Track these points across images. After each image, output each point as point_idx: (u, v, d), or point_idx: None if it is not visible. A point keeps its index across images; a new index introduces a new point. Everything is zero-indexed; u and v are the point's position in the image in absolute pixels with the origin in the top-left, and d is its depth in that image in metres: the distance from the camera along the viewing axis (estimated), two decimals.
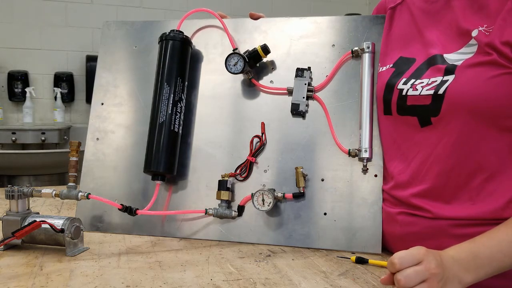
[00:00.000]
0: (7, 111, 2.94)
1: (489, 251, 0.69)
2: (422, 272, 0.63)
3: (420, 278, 0.63)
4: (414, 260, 0.64)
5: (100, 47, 1.10)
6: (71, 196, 0.87)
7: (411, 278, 0.62)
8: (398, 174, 0.86)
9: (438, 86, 0.76)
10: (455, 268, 0.66)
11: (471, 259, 0.68)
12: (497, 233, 0.70)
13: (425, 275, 0.63)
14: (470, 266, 0.68)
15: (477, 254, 0.69)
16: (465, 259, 0.68)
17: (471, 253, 0.69)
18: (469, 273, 0.67)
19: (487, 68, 0.72)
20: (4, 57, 2.92)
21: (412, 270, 0.63)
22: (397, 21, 0.93)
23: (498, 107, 0.72)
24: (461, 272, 0.67)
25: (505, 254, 0.69)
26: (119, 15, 3.12)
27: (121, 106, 1.05)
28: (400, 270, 0.63)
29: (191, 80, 1.03)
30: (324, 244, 0.90)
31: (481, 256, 0.68)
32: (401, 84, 0.83)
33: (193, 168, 0.99)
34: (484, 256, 0.68)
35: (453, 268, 0.66)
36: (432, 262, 0.64)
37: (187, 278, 0.73)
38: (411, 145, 0.84)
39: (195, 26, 1.06)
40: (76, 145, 0.90)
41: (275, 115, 0.98)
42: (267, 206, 0.90)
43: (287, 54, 1.00)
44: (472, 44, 0.75)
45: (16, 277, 0.71)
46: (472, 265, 0.68)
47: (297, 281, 0.72)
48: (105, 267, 0.77)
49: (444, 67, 0.77)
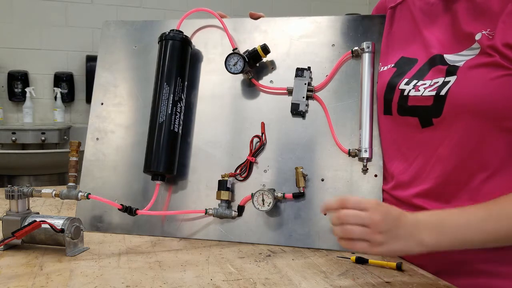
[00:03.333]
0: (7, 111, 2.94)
1: (456, 222, 0.71)
2: (362, 217, 0.67)
3: (357, 220, 0.67)
4: (361, 206, 0.68)
5: (100, 47, 1.10)
6: (71, 196, 0.87)
7: (349, 217, 0.67)
8: (399, 174, 0.86)
9: (440, 87, 0.76)
10: (417, 228, 0.69)
11: (437, 224, 0.70)
12: (468, 209, 0.73)
13: (364, 221, 0.67)
14: (433, 230, 0.70)
15: (444, 221, 0.71)
16: (431, 223, 0.70)
17: (438, 219, 0.71)
18: (431, 236, 0.69)
19: (489, 70, 0.72)
20: (4, 57, 2.92)
21: (353, 212, 0.67)
22: (398, 21, 0.93)
23: (500, 108, 0.72)
24: (424, 233, 0.69)
25: (470, 229, 0.70)
26: (119, 15, 3.12)
27: (121, 106, 1.05)
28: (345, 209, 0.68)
29: (191, 80, 1.03)
30: (324, 244, 0.90)
31: (447, 225, 0.70)
32: (403, 84, 0.83)
33: (193, 168, 0.99)
34: (450, 225, 0.71)
35: (413, 228, 0.69)
36: (378, 214, 0.67)
37: (187, 278, 0.73)
38: (412, 145, 0.84)
39: (194, 26, 1.06)
40: (76, 145, 0.90)
41: (275, 115, 0.98)
42: (267, 206, 0.90)
43: (287, 54, 1.00)
44: (475, 47, 0.75)
45: (16, 277, 0.71)
46: (436, 230, 0.70)
47: (297, 281, 0.72)
48: (105, 267, 0.77)
49: (446, 68, 0.77)
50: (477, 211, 0.72)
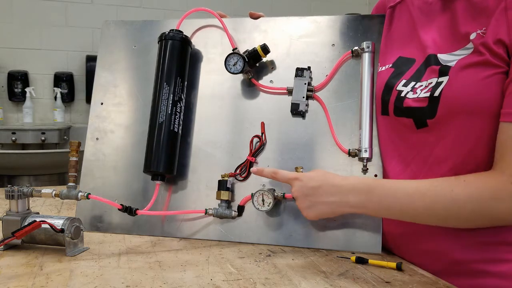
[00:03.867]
0: (7, 111, 2.94)
1: (384, 191, 0.78)
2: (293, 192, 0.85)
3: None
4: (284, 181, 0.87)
5: (100, 46, 1.10)
6: (71, 196, 0.87)
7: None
8: (397, 175, 0.86)
9: (434, 88, 0.76)
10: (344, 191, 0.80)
11: (365, 191, 0.79)
12: (402, 182, 0.79)
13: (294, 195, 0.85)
14: (362, 193, 0.79)
15: (373, 189, 0.79)
16: (359, 189, 0.80)
17: (367, 186, 0.79)
18: (358, 198, 0.79)
19: (480, 69, 0.72)
20: (4, 57, 2.92)
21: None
22: (397, 21, 0.93)
23: (493, 107, 0.72)
24: (350, 196, 0.80)
25: (397, 201, 0.76)
26: (119, 15, 3.12)
27: (121, 106, 1.05)
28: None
29: (191, 80, 1.03)
30: (324, 244, 0.90)
31: (375, 192, 0.78)
32: (401, 85, 0.83)
33: (193, 168, 0.99)
34: (378, 193, 0.78)
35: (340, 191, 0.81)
36: (293, 188, 0.84)
37: (187, 278, 0.73)
38: (408, 146, 0.84)
39: (194, 26, 1.06)
40: (76, 145, 0.90)
41: (275, 115, 0.98)
42: (267, 206, 0.90)
43: (287, 53, 1.00)
44: (469, 47, 0.75)
45: (16, 277, 0.71)
46: (364, 194, 0.79)
47: (297, 281, 0.72)
48: (105, 267, 0.77)
49: (438, 68, 0.77)
50: (408, 185, 0.77)
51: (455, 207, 0.72)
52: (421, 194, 0.74)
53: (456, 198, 0.71)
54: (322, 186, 0.82)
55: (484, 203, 0.70)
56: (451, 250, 0.79)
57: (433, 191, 0.74)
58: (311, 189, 0.82)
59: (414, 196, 0.75)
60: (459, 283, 0.74)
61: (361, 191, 0.79)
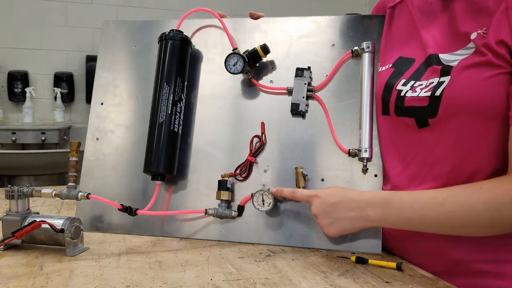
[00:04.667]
0: (7, 111, 2.94)
1: (401, 204, 0.77)
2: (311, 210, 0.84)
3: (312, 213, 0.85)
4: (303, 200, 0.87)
5: (100, 47, 1.10)
6: (71, 196, 0.87)
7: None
8: (397, 175, 0.86)
9: (435, 87, 0.76)
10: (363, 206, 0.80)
11: (382, 204, 0.78)
12: (418, 193, 0.78)
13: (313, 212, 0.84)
14: (379, 207, 0.79)
15: (390, 202, 0.78)
16: (376, 202, 0.79)
17: (384, 200, 0.79)
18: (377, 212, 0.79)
19: (482, 69, 0.72)
20: (4, 57, 2.92)
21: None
22: (396, 21, 0.93)
23: (495, 107, 0.72)
24: (369, 210, 0.79)
25: (415, 212, 0.76)
26: (119, 15, 3.12)
27: (121, 106, 1.05)
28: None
29: (191, 80, 1.03)
30: (324, 244, 0.90)
31: (393, 205, 0.78)
32: (400, 85, 0.83)
33: (193, 168, 0.99)
34: (395, 206, 0.78)
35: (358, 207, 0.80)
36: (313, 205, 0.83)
37: (187, 278, 0.73)
38: (409, 146, 0.84)
39: (194, 26, 1.06)
40: (76, 145, 0.90)
41: (275, 115, 0.98)
42: (267, 206, 0.90)
43: (287, 53, 1.00)
44: (470, 47, 0.75)
45: (16, 277, 0.71)
46: (382, 208, 0.78)
47: (297, 281, 0.72)
48: (105, 267, 0.77)
49: (440, 68, 0.77)
50: (424, 195, 0.76)
51: (473, 215, 0.71)
52: (438, 204, 0.73)
53: (474, 205, 0.71)
54: (341, 202, 0.81)
55: (503, 208, 0.69)
56: (451, 250, 0.79)
57: (450, 200, 0.73)
58: (330, 205, 0.81)
59: (432, 206, 0.74)
60: (459, 283, 0.74)
61: (379, 204, 0.79)
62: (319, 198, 0.82)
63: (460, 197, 0.72)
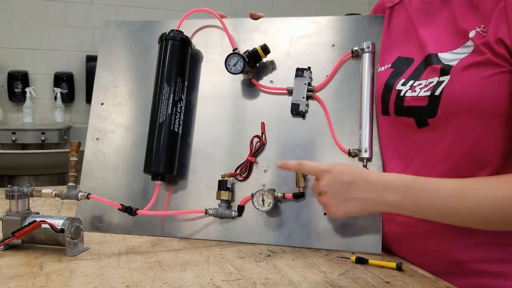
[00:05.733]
0: (7, 111, 2.94)
1: (424, 190, 0.73)
2: (315, 188, 0.80)
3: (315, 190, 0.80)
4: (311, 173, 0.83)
5: (100, 47, 1.10)
6: (71, 196, 0.87)
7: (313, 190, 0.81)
8: None
9: (435, 87, 0.76)
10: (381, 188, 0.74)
11: (403, 189, 0.74)
12: (441, 181, 0.73)
13: (318, 189, 0.79)
14: (399, 191, 0.74)
15: (412, 187, 0.73)
16: (396, 186, 0.74)
17: (406, 184, 0.74)
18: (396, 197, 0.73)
19: (482, 68, 0.72)
20: (4, 57, 2.92)
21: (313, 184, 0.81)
22: (395, 21, 0.93)
23: (494, 106, 0.72)
24: (388, 193, 0.74)
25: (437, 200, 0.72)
26: (119, 15, 3.12)
27: (121, 106, 1.05)
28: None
29: (191, 80, 1.03)
30: (324, 244, 0.90)
31: (414, 191, 0.73)
32: (400, 85, 0.83)
33: (193, 168, 0.99)
34: (417, 191, 0.73)
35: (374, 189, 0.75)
36: (323, 181, 0.77)
37: (187, 278, 0.73)
38: (409, 146, 0.84)
39: (195, 26, 1.06)
40: (76, 145, 0.90)
41: (275, 115, 0.98)
42: (267, 206, 0.90)
43: (287, 54, 1.00)
44: (469, 45, 0.75)
45: (16, 277, 0.71)
46: (402, 192, 0.73)
47: (297, 281, 0.72)
48: (105, 267, 0.77)
49: (440, 67, 0.77)
50: (448, 185, 0.73)
51: (499, 207, 0.69)
52: (463, 194, 0.71)
53: (501, 198, 0.68)
54: (356, 181, 0.75)
55: None
56: (451, 250, 0.79)
57: (475, 191, 0.70)
58: (343, 183, 0.76)
59: (456, 196, 0.71)
60: (459, 283, 0.74)
61: (399, 188, 0.74)
62: (332, 174, 0.77)
63: (486, 189, 0.70)
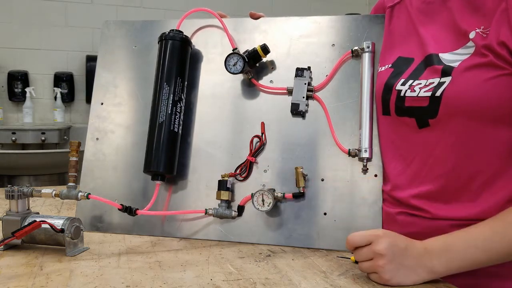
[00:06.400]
0: (7, 111, 2.94)
1: (463, 245, 0.71)
2: (367, 253, 0.71)
3: (364, 257, 0.72)
4: (364, 241, 0.72)
5: (100, 47, 1.10)
6: (71, 196, 0.87)
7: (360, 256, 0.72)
8: (397, 175, 0.86)
9: (436, 88, 0.76)
10: (426, 257, 0.71)
11: (444, 251, 0.71)
12: (473, 230, 0.73)
13: (369, 255, 0.71)
14: (443, 257, 0.71)
15: (451, 247, 0.72)
16: (437, 250, 0.71)
17: (444, 245, 0.72)
18: (441, 263, 0.71)
19: (484, 70, 0.72)
20: (4, 57, 2.92)
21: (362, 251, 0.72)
22: (396, 21, 0.93)
23: (496, 108, 0.72)
24: (434, 261, 0.71)
25: (479, 250, 0.71)
26: (119, 15, 3.12)
27: (121, 106, 1.05)
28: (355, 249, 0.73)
29: (191, 80, 1.03)
30: (324, 244, 0.90)
31: (455, 249, 0.71)
32: (400, 85, 0.83)
33: (193, 168, 0.99)
34: (458, 249, 0.71)
35: (422, 257, 0.70)
36: (382, 244, 0.69)
37: (187, 278, 0.73)
38: (409, 146, 0.83)
39: (194, 26, 1.06)
40: (76, 145, 0.90)
41: (275, 115, 0.98)
42: (267, 206, 0.90)
43: (287, 53, 1.00)
44: (470, 46, 0.75)
45: (16, 277, 0.71)
46: (445, 256, 0.71)
47: (297, 281, 0.72)
48: (105, 267, 0.77)
49: (441, 68, 0.77)
50: (482, 230, 0.72)
51: None
52: (499, 235, 0.71)
53: None
54: (408, 248, 0.71)
55: None
56: None
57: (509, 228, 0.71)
58: (400, 248, 0.70)
59: (494, 239, 0.71)
60: (459, 283, 0.74)
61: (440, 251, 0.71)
62: (388, 237, 0.70)
63: None
